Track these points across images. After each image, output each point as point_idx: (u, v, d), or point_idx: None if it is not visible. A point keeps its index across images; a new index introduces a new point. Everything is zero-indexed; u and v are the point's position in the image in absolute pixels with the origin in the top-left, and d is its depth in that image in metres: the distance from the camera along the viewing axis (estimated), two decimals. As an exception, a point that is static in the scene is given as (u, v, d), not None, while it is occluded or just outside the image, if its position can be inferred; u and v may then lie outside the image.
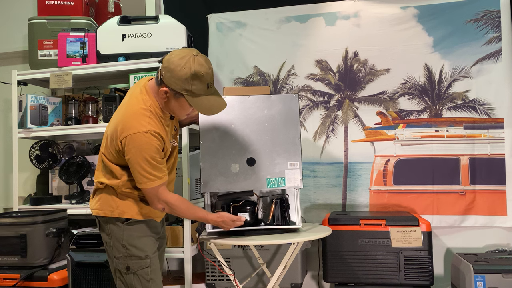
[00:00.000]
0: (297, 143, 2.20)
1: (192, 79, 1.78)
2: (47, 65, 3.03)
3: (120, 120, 1.84)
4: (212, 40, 3.26)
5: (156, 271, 1.95)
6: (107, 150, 1.91)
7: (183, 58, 1.79)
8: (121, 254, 1.91)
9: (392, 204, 2.96)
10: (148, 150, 1.79)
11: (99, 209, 1.95)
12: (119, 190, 1.91)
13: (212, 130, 2.18)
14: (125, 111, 1.87)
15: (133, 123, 1.80)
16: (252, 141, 2.18)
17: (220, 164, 2.16)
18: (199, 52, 1.85)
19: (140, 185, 1.85)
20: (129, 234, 1.91)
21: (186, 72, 1.77)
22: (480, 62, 2.89)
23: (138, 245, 1.91)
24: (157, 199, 1.87)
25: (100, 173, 1.97)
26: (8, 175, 3.51)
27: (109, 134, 1.90)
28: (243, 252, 2.74)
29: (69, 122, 3.08)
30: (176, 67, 1.78)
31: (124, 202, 1.92)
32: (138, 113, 1.82)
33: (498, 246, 2.83)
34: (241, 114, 2.18)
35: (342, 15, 3.08)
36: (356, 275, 2.59)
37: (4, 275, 2.56)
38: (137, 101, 1.86)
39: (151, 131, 1.80)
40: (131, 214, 1.92)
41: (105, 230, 1.95)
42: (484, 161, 2.86)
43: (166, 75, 1.80)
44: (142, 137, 1.78)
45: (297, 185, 2.19)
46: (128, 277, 1.90)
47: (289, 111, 2.22)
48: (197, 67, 1.78)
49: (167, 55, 1.85)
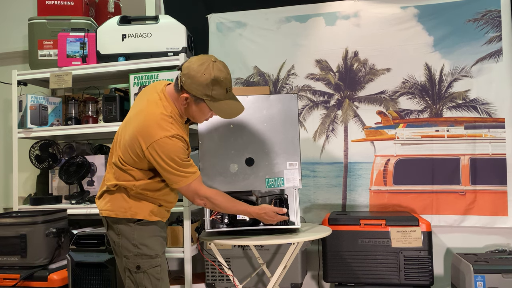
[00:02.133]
0: (296, 143, 2.20)
1: (213, 84, 1.83)
2: (47, 65, 3.03)
3: (142, 127, 1.85)
4: (212, 40, 3.26)
5: (165, 270, 1.99)
6: (126, 155, 1.90)
7: (203, 65, 1.84)
8: (131, 253, 1.93)
9: (392, 204, 2.96)
10: (176, 152, 1.83)
11: (110, 210, 1.96)
12: (133, 192, 1.93)
13: (211, 130, 2.18)
14: (145, 117, 1.87)
15: (157, 129, 1.82)
16: (251, 141, 2.18)
17: (219, 164, 2.16)
18: (217, 58, 1.91)
19: (176, 185, 1.88)
20: (140, 234, 1.94)
21: (206, 78, 1.82)
22: (480, 61, 2.89)
23: (149, 244, 1.94)
24: (197, 195, 1.92)
25: (112, 176, 1.97)
26: (8, 175, 3.51)
27: (127, 140, 1.89)
28: (243, 252, 2.74)
29: (69, 122, 3.08)
30: (196, 74, 1.83)
31: (136, 203, 1.94)
32: (160, 119, 1.85)
33: (498, 246, 2.83)
34: (240, 114, 2.18)
35: (342, 15, 3.08)
36: (356, 275, 2.59)
37: (4, 275, 2.56)
38: (157, 107, 1.88)
39: (176, 135, 1.83)
40: (143, 215, 1.94)
41: (114, 231, 1.97)
42: (485, 161, 2.86)
43: (187, 82, 1.84)
44: (168, 141, 1.82)
45: (296, 185, 2.19)
46: (138, 276, 1.92)
47: (288, 111, 2.22)
48: (217, 72, 1.84)
49: (186, 62, 1.89)
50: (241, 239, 2.11)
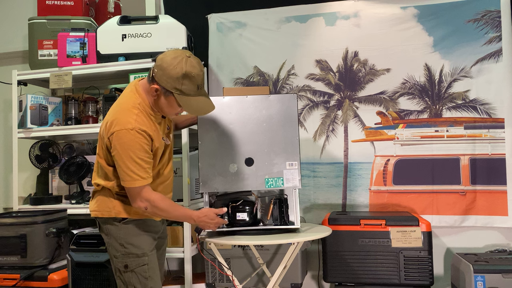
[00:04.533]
0: (296, 143, 2.20)
1: (183, 78, 1.83)
2: (47, 65, 3.03)
3: (109, 118, 1.88)
4: (212, 40, 3.26)
5: (154, 268, 1.96)
6: (100, 150, 1.94)
7: (176, 58, 1.84)
8: (119, 252, 1.93)
9: (392, 204, 2.96)
10: (133, 148, 1.81)
11: (97, 210, 1.98)
12: (115, 191, 1.94)
13: (210, 130, 2.18)
14: (114, 109, 1.91)
15: (120, 120, 1.83)
16: (251, 141, 2.18)
17: (219, 164, 2.16)
18: (192, 54, 1.90)
19: (123, 183, 1.86)
20: (126, 232, 1.93)
21: (177, 72, 1.82)
22: (480, 62, 2.89)
23: (135, 243, 1.93)
24: (139, 197, 1.86)
25: (96, 175, 2.00)
26: (8, 175, 3.51)
27: (100, 133, 1.94)
28: (243, 252, 2.74)
29: (69, 122, 3.08)
30: (168, 66, 1.83)
31: (120, 203, 1.94)
32: (126, 110, 1.86)
33: (498, 246, 2.83)
34: (239, 114, 2.19)
35: (342, 15, 3.08)
36: (356, 275, 2.59)
37: (4, 275, 2.56)
38: (127, 99, 1.91)
39: (136, 129, 1.82)
40: (127, 214, 1.94)
41: (104, 231, 1.98)
42: (485, 161, 2.86)
43: (158, 73, 1.85)
44: (127, 134, 1.81)
45: (296, 185, 2.19)
46: (126, 275, 1.92)
47: (287, 111, 2.21)
48: (189, 68, 1.83)
49: (161, 54, 1.90)
50: (241, 239, 2.11)
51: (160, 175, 2.02)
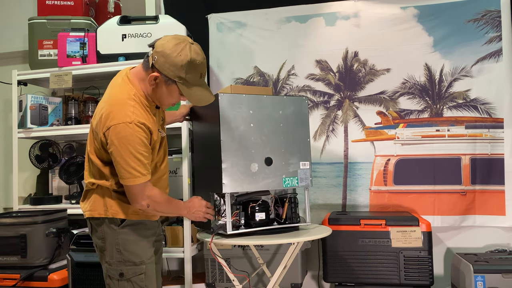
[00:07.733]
0: (308, 144, 2.25)
1: (188, 67, 1.71)
2: (47, 65, 3.02)
3: (103, 111, 1.73)
4: (212, 40, 3.26)
5: (150, 278, 1.85)
6: (92, 146, 1.81)
7: (179, 45, 1.71)
8: (114, 259, 1.80)
9: (392, 204, 2.95)
10: (132, 142, 1.68)
11: (91, 210, 1.84)
12: (112, 189, 1.82)
13: (232, 129, 2.10)
14: (107, 101, 1.76)
15: (116, 113, 1.69)
16: (269, 141, 2.17)
17: (240, 163, 2.09)
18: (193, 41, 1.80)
19: (123, 181, 1.73)
20: (125, 238, 1.81)
21: (182, 59, 1.70)
22: (480, 61, 2.89)
23: (133, 250, 1.81)
24: (140, 195, 1.74)
25: (88, 173, 1.87)
26: (8, 175, 3.51)
27: (93, 127, 1.80)
28: (243, 252, 2.74)
29: (69, 122, 3.08)
30: (172, 53, 1.70)
31: (117, 202, 1.81)
32: (121, 102, 1.72)
33: (498, 246, 2.83)
34: (259, 114, 2.15)
35: (342, 15, 3.08)
36: (356, 275, 2.59)
37: (4, 275, 2.56)
38: (120, 91, 1.77)
39: (135, 122, 1.69)
40: (125, 215, 1.82)
41: (98, 234, 1.85)
42: (484, 161, 2.86)
43: (160, 60, 1.71)
44: (126, 128, 1.67)
45: (308, 184, 2.24)
46: (121, 284, 1.79)
47: (300, 113, 2.25)
48: (194, 55, 1.72)
49: (160, 39, 1.75)
50: (241, 239, 2.10)
51: (157, 170, 1.92)
